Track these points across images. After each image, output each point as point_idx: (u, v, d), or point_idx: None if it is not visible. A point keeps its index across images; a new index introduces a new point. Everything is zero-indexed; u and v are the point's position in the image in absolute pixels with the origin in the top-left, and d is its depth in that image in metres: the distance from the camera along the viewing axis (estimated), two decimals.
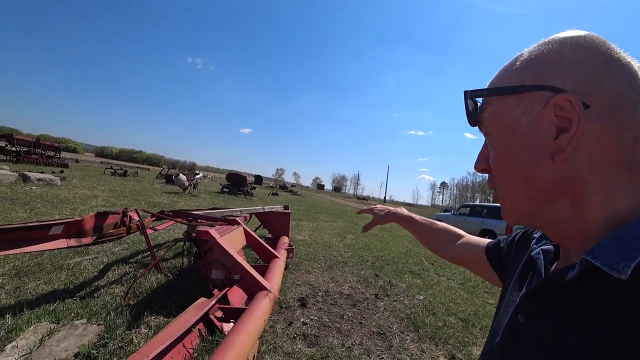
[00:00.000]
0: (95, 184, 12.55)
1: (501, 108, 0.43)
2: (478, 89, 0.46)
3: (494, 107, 0.44)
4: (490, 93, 0.44)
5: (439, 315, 3.73)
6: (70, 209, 6.81)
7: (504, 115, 0.42)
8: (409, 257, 7.34)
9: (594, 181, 0.37)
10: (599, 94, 0.36)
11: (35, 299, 2.63)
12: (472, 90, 0.46)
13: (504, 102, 0.42)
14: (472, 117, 0.47)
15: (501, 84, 0.43)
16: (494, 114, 0.44)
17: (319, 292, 3.91)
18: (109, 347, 2.09)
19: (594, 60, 0.37)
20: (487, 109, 0.45)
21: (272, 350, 2.42)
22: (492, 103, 0.44)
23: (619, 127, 0.36)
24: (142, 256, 4.23)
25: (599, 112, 0.36)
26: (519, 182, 0.42)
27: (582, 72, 0.37)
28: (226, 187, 21.55)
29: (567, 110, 0.37)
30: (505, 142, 0.43)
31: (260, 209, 5.40)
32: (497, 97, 0.43)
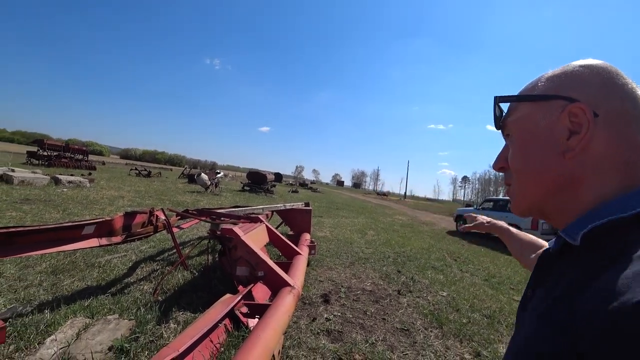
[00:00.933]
0: (122, 185, 12.99)
1: (525, 113, 0.50)
2: (507, 95, 0.54)
3: (519, 112, 0.52)
4: (517, 99, 0.52)
5: (463, 311, 3.67)
6: (99, 209, 7.08)
7: (526, 119, 0.50)
8: (431, 252, 7.24)
9: (594, 177, 0.44)
10: (607, 108, 0.44)
11: (70, 295, 2.77)
12: (502, 96, 0.54)
13: (528, 108, 0.50)
14: (498, 121, 0.56)
15: (530, 92, 0.51)
16: (517, 118, 0.52)
17: (341, 288, 3.92)
18: (140, 341, 2.17)
19: (605, 81, 0.45)
20: (512, 114, 0.53)
21: (296, 345, 2.45)
22: (518, 109, 0.52)
23: (620, 136, 0.43)
24: (168, 254, 4.35)
25: (605, 121, 0.44)
26: (533, 176, 0.49)
27: (594, 89, 0.45)
28: (247, 185, 21.86)
29: (579, 116, 0.44)
30: (524, 141, 0.50)
31: (282, 207, 5.46)
32: (522, 104, 0.51)
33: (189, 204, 9.94)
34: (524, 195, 0.51)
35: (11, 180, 9.32)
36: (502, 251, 8.85)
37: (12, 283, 2.86)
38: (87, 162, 25.15)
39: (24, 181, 9.50)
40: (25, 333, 2.12)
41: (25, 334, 2.11)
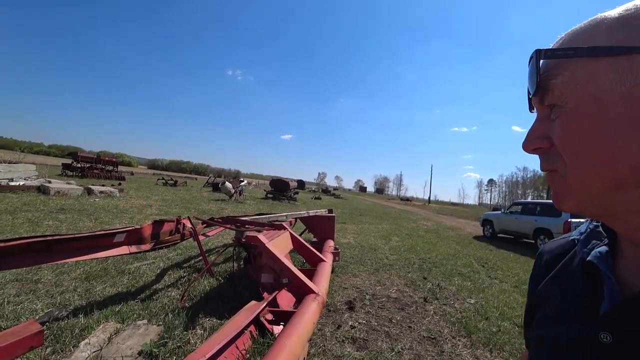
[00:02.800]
0: (149, 194, 13.43)
1: (586, 73, 0.35)
2: (559, 48, 0.37)
3: (573, 72, 0.36)
4: (577, 53, 0.35)
5: (493, 320, 3.54)
6: (129, 217, 7.34)
7: (590, 82, 0.34)
8: (457, 258, 7.05)
9: None
10: None
11: (103, 301, 2.87)
12: (550, 49, 0.38)
13: (591, 66, 0.35)
14: (538, 85, 0.39)
15: (588, 43, 0.35)
16: (571, 80, 0.36)
17: (366, 295, 3.87)
18: (169, 347, 2.22)
19: None
20: (560, 74, 0.37)
21: (321, 353, 2.43)
22: (571, 67, 0.36)
23: None
24: (194, 261, 4.44)
25: None
26: (602, 163, 0.35)
27: None
28: (270, 193, 22.10)
29: None
30: (588, 114, 0.35)
31: (305, 214, 5.48)
32: (580, 60, 0.35)
33: (213, 212, 10.15)
34: (581, 187, 0.37)
35: (48, 191, 9.83)
36: (532, 256, 8.51)
37: (49, 289, 3.00)
38: (117, 172, 26.21)
39: (59, 192, 9.99)
40: (61, 336, 2.21)
41: (61, 337, 2.20)
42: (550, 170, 0.41)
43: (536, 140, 0.41)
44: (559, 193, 0.40)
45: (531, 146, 0.41)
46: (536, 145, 0.41)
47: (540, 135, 0.40)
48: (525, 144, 0.42)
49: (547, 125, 0.40)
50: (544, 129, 0.40)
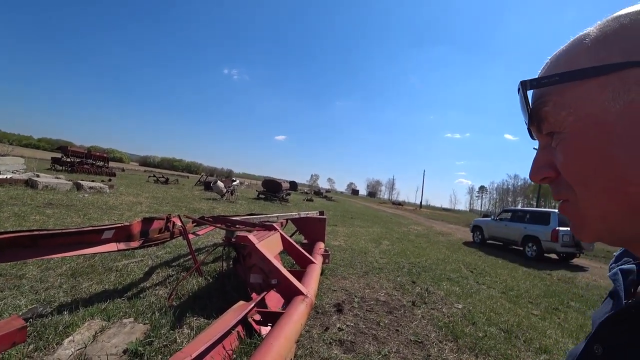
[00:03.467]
0: (140, 192, 13.29)
1: (576, 96, 0.34)
2: (544, 77, 0.36)
3: (563, 96, 0.35)
4: (562, 79, 0.35)
5: (480, 325, 3.57)
6: (118, 214, 7.26)
7: (582, 105, 0.34)
8: (446, 263, 7.11)
9: None
10: None
11: (88, 298, 2.83)
12: (534, 78, 0.37)
13: (580, 88, 0.34)
14: (530, 115, 0.39)
15: (572, 66, 0.34)
16: (564, 105, 0.35)
17: (354, 298, 3.88)
18: (155, 345, 2.20)
19: None
20: (551, 101, 0.36)
21: (308, 354, 2.43)
22: (560, 93, 0.35)
23: None
24: (183, 260, 4.41)
25: None
26: (612, 187, 0.33)
27: None
28: (262, 193, 22.04)
29: None
30: (587, 137, 0.34)
31: (296, 215, 5.48)
32: (568, 84, 0.35)
33: (204, 210, 10.08)
34: (594, 215, 0.35)
35: (36, 185, 9.66)
36: (520, 263, 8.63)
37: (34, 284, 2.95)
38: (107, 168, 25.88)
39: (47, 186, 9.83)
40: (45, 333, 2.17)
41: (44, 334, 2.17)
42: (561, 199, 0.40)
43: (542, 169, 0.40)
44: (575, 224, 0.39)
45: (538, 176, 0.40)
46: (542, 175, 0.40)
47: (545, 164, 0.39)
48: (531, 175, 0.41)
49: (550, 154, 0.39)
50: (547, 158, 0.39)
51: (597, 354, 0.38)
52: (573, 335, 3.79)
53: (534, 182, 0.43)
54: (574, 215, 0.38)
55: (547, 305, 4.92)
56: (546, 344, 3.35)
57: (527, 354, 3.06)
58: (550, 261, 9.84)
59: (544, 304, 5.01)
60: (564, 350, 3.25)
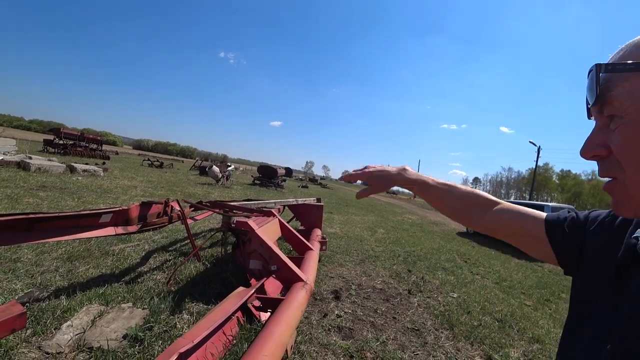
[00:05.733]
0: (135, 175, 13.16)
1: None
2: (619, 63, 0.39)
3: (634, 84, 0.38)
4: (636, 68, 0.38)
5: (474, 314, 3.63)
6: (113, 198, 7.19)
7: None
8: (441, 253, 7.18)
9: None
10: None
11: (86, 282, 2.81)
12: (610, 63, 0.40)
13: None
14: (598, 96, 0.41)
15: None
16: (632, 93, 0.38)
17: (352, 285, 3.91)
18: (155, 331, 2.19)
19: None
20: (619, 86, 0.39)
21: (307, 341, 2.44)
22: (631, 80, 0.38)
23: None
24: (180, 245, 4.39)
25: None
26: None
27: None
28: (257, 179, 21.96)
29: None
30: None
31: (294, 201, 5.45)
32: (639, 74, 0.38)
33: (200, 195, 10.02)
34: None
35: (28, 167, 9.51)
36: (513, 254, 8.73)
37: (29, 268, 2.91)
38: (101, 151, 25.56)
39: (40, 168, 9.69)
40: (42, 318, 2.15)
41: (42, 318, 2.14)
42: (608, 176, 0.44)
43: (595, 147, 0.43)
44: (619, 200, 0.43)
45: (590, 153, 0.44)
46: (595, 152, 0.44)
47: (599, 143, 0.43)
48: (583, 151, 0.45)
49: (605, 134, 0.42)
50: (602, 138, 0.43)
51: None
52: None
53: (584, 158, 0.45)
54: (620, 192, 0.42)
55: (539, 296, 5.00)
56: (539, 333, 3.41)
57: (520, 342, 3.12)
58: None
59: (536, 295, 5.09)
60: (555, 340, 3.32)
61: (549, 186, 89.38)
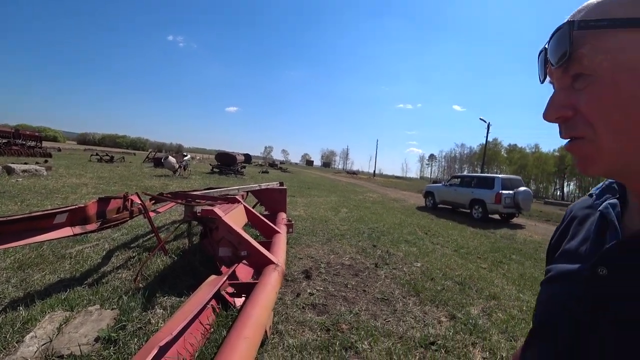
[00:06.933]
0: (83, 172, 12.32)
1: (617, 43, 0.37)
2: (592, 19, 0.38)
3: (605, 42, 0.38)
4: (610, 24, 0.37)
5: (437, 280, 3.89)
6: (62, 198, 6.71)
7: (621, 51, 0.37)
8: (403, 227, 7.52)
9: None
10: None
11: (44, 290, 2.64)
12: (584, 20, 0.39)
13: (622, 36, 0.37)
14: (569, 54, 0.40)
15: (617, 15, 0.37)
16: (602, 50, 0.38)
17: (321, 264, 4.02)
18: (128, 329, 2.14)
19: None
20: (589, 44, 0.38)
21: (284, 320, 2.52)
22: (600, 38, 0.38)
23: None
24: (143, 240, 4.24)
25: None
26: (633, 127, 0.38)
27: None
28: (216, 167, 21.45)
29: None
30: (621, 82, 0.37)
31: (257, 187, 5.43)
32: (611, 31, 0.37)
33: (157, 188, 9.63)
34: (612, 151, 0.40)
35: None
36: (468, 224, 9.35)
37: None
38: (41, 149, 23.48)
39: None
40: (1, 333, 2.01)
41: (0, 333, 2.01)
42: (575, 137, 0.43)
43: (560, 108, 0.43)
44: (587, 158, 0.43)
45: (555, 115, 0.43)
46: (560, 113, 0.43)
47: (564, 104, 0.42)
48: (547, 113, 0.44)
49: (568, 95, 0.42)
50: (567, 98, 0.42)
51: (601, 274, 0.43)
52: (515, 283, 4.26)
53: (548, 121, 0.44)
54: (588, 151, 0.42)
55: (493, 260, 5.43)
56: (494, 291, 3.74)
57: (479, 301, 3.41)
58: (494, 221, 10.73)
59: (490, 258, 5.52)
60: (509, 296, 3.66)
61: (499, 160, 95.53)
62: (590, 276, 0.45)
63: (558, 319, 0.48)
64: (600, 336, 0.41)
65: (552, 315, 0.50)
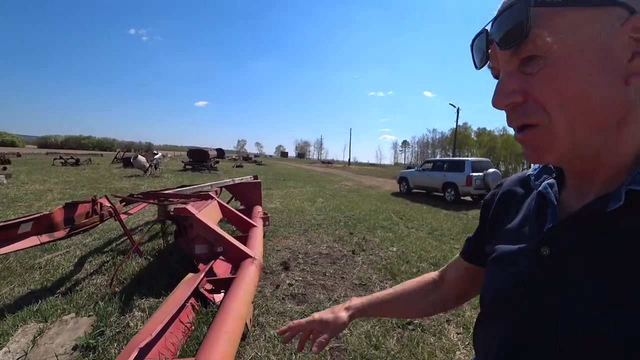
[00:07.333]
0: (47, 177, 11.72)
1: (569, 23, 0.35)
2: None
3: (558, 21, 0.36)
4: (565, 3, 0.35)
5: (413, 262, 4.05)
6: (25, 207, 6.40)
7: (574, 32, 0.35)
8: (378, 213, 7.69)
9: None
10: None
11: (14, 303, 2.56)
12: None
13: (575, 15, 0.35)
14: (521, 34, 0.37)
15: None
16: (558, 29, 0.36)
17: (299, 254, 4.09)
18: (107, 334, 2.13)
19: None
20: (542, 24, 0.36)
21: (265, 312, 2.57)
22: (552, 17, 0.36)
23: None
24: (115, 244, 4.15)
25: None
26: (590, 110, 0.37)
27: None
28: (188, 164, 20.93)
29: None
30: (574, 63, 0.36)
31: (230, 182, 5.39)
32: (564, 10, 0.35)
33: (128, 189, 9.34)
34: (567, 136, 0.38)
35: None
36: (441, 207, 9.66)
37: None
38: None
39: None
40: None
41: None
42: (528, 124, 0.41)
43: (510, 94, 0.40)
44: (542, 146, 0.41)
45: (505, 102, 0.41)
46: (511, 100, 0.40)
47: (514, 89, 0.40)
48: (497, 100, 0.42)
49: (519, 79, 0.40)
50: (517, 83, 0.40)
51: (544, 255, 0.44)
52: None
53: (497, 108, 0.42)
54: (543, 138, 0.40)
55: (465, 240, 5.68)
56: None
57: None
58: (466, 203, 11.12)
59: (463, 238, 5.67)
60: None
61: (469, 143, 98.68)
62: (534, 256, 0.45)
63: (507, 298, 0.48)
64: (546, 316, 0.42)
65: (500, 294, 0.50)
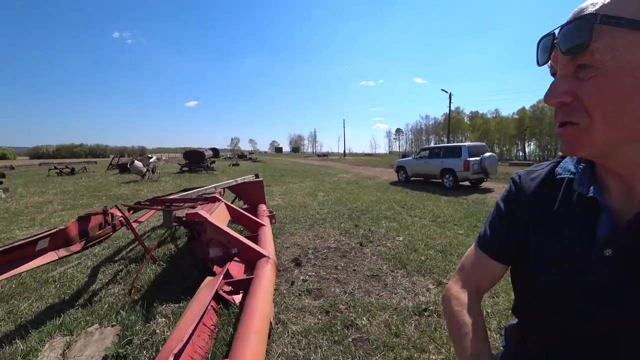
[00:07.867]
0: (44, 189, 11.67)
1: (627, 43, 0.40)
2: (613, 17, 0.40)
3: (617, 39, 0.40)
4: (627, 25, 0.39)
5: (420, 250, 4.12)
6: (28, 220, 6.40)
7: (631, 51, 0.40)
8: (380, 204, 7.75)
9: None
10: None
11: (36, 318, 2.58)
12: (606, 15, 0.40)
13: (636, 37, 0.40)
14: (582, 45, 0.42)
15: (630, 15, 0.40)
16: (615, 46, 0.40)
17: (308, 250, 4.15)
18: (135, 343, 2.16)
19: None
20: (603, 39, 0.41)
21: (284, 309, 2.62)
22: (615, 35, 0.40)
23: None
24: (126, 252, 4.18)
25: None
26: (624, 121, 0.42)
27: None
28: (185, 165, 20.90)
29: None
30: (621, 80, 0.41)
31: (233, 182, 5.44)
32: (625, 30, 0.40)
33: (129, 195, 9.35)
34: (601, 138, 0.44)
35: None
36: (441, 194, 9.72)
37: None
38: None
39: None
40: None
41: None
42: (566, 122, 0.47)
43: (562, 94, 0.46)
44: (577, 142, 0.47)
45: (556, 99, 0.47)
46: (561, 99, 0.46)
47: (565, 90, 0.46)
48: (549, 98, 0.48)
49: (572, 82, 0.46)
50: (569, 85, 0.46)
51: (607, 255, 0.49)
52: None
53: (548, 104, 0.48)
54: (579, 136, 0.47)
55: (468, 225, 5.72)
56: None
57: None
58: (464, 188, 11.18)
59: (466, 224, 5.82)
60: None
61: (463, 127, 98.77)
62: (598, 258, 0.50)
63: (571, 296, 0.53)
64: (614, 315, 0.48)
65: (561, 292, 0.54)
